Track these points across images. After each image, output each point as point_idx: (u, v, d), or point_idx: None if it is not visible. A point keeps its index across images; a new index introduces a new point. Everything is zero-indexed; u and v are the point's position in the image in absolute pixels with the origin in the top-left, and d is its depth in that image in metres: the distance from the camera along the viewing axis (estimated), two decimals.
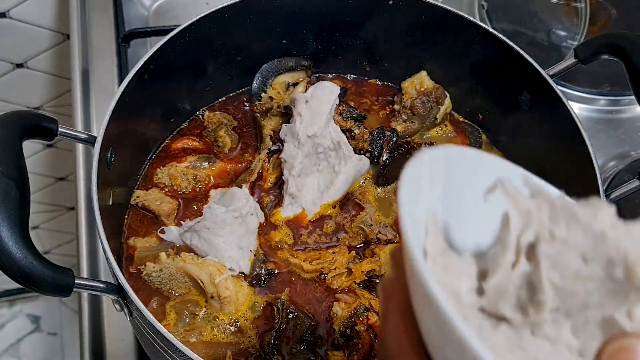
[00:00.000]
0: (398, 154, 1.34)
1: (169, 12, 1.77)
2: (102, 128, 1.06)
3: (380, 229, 1.24)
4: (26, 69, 2.13)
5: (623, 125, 1.64)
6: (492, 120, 1.40)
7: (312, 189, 1.27)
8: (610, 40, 1.18)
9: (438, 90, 1.39)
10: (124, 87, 1.12)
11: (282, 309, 1.14)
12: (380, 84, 1.49)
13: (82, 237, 1.39)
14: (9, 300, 3.03)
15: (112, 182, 1.13)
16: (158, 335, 0.92)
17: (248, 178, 1.28)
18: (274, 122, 1.36)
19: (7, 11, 1.92)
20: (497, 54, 1.28)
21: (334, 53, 1.44)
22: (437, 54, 1.38)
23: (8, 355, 2.93)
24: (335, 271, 1.18)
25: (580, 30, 1.78)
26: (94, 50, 1.62)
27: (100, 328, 1.28)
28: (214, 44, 1.31)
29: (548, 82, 1.21)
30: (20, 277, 0.84)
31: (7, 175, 0.86)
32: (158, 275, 1.13)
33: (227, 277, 1.12)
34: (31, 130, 0.96)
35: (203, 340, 1.11)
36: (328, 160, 1.29)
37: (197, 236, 1.17)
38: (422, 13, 1.32)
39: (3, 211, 0.83)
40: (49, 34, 2.03)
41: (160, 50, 1.19)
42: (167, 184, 1.28)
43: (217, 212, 1.18)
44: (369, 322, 1.14)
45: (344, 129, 1.33)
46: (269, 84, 1.42)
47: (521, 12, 1.82)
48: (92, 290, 0.96)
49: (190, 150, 1.34)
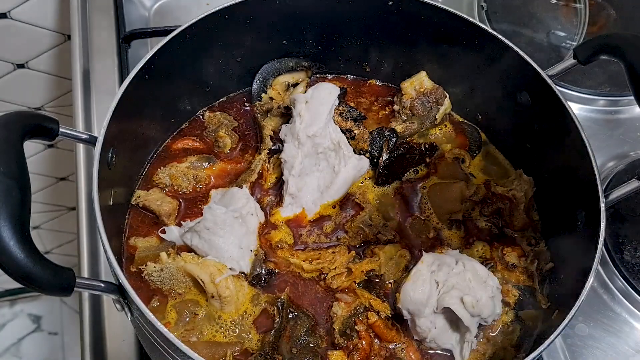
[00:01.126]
0: (398, 154, 1.34)
1: (169, 12, 1.77)
2: (103, 128, 1.06)
3: (380, 229, 1.25)
4: (27, 69, 2.13)
5: (622, 126, 1.65)
6: (492, 121, 1.40)
7: (312, 189, 1.27)
8: (610, 41, 1.18)
9: (438, 91, 1.40)
10: (124, 87, 1.12)
11: (282, 309, 1.14)
12: (380, 84, 1.49)
13: (82, 237, 1.39)
14: (9, 300, 3.04)
15: (113, 182, 1.14)
16: (158, 335, 0.93)
17: (248, 178, 1.28)
18: (274, 123, 1.37)
19: (8, 12, 1.92)
20: (496, 55, 1.28)
21: (334, 53, 1.44)
22: (437, 54, 1.39)
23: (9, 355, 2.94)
24: (335, 271, 1.19)
25: (579, 30, 1.78)
26: (94, 51, 1.62)
27: (101, 328, 1.29)
28: (214, 45, 1.31)
29: (548, 83, 1.21)
30: (21, 277, 0.84)
31: (8, 175, 0.86)
32: (159, 275, 1.13)
33: (228, 277, 1.13)
34: (32, 130, 0.97)
35: (203, 340, 1.11)
36: (328, 160, 1.29)
37: (197, 236, 1.17)
38: (422, 14, 1.32)
39: (4, 211, 0.83)
40: (49, 35, 2.03)
41: (160, 50, 1.19)
42: (168, 184, 1.28)
43: (217, 212, 1.18)
44: (369, 322, 1.14)
45: (343, 129, 1.33)
46: (269, 85, 1.42)
47: (521, 12, 1.82)
48: (92, 290, 0.96)
49: (190, 151, 1.34)
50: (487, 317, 1.13)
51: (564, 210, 1.23)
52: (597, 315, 1.37)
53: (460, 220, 1.29)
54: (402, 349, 1.15)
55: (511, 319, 1.19)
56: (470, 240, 1.28)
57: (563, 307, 1.05)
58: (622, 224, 1.47)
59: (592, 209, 1.11)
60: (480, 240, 1.28)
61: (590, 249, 1.07)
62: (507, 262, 1.25)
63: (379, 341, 1.15)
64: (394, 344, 1.15)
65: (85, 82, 1.59)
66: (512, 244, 1.27)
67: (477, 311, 1.10)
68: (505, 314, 1.19)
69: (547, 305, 1.19)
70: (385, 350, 1.14)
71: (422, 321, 1.12)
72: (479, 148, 1.40)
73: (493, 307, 1.13)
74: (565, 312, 1.01)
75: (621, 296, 1.39)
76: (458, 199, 1.29)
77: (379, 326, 1.14)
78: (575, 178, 1.18)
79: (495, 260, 1.25)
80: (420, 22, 1.34)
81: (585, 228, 1.13)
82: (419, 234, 1.27)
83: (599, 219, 1.08)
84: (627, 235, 1.45)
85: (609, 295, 1.40)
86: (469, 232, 1.29)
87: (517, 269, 1.24)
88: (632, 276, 1.39)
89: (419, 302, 1.12)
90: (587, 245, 1.09)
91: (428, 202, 1.31)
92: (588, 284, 1.03)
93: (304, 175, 1.27)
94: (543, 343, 0.99)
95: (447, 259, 1.16)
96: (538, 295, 1.21)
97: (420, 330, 1.13)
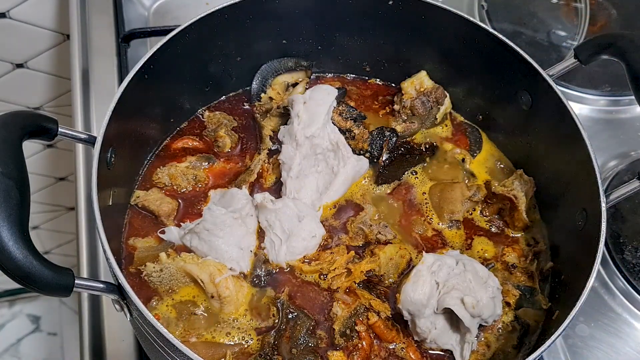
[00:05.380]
0: (398, 154, 1.34)
1: (168, 12, 1.77)
2: (102, 128, 1.06)
3: (379, 229, 1.24)
4: (26, 69, 2.13)
5: (623, 125, 1.64)
6: (492, 120, 1.40)
7: (311, 190, 1.27)
8: (610, 41, 1.18)
9: (438, 91, 1.39)
10: (124, 87, 1.12)
11: (282, 309, 1.14)
12: (380, 84, 1.49)
13: (82, 237, 1.39)
14: (9, 301, 3.03)
15: (112, 182, 1.13)
16: (158, 336, 0.92)
17: (248, 178, 1.28)
18: (273, 123, 1.36)
19: (7, 11, 1.92)
20: (497, 54, 1.28)
21: (334, 53, 1.44)
22: (437, 54, 1.38)
23: (8, 355, 2.93)
24: (335, 271, 1.18)
25: (580, 30, 1.78)
26: (94, 51, 1.62)
27: (100, 328, 1.28)
28: (213, 44, 1.31)
29: (548, 82, 1.21)
30: (20, 277, 0.84)
31: (7, 175, 0.86)
32: (158, 276, 1.13)
33: (227, 277, 1.12)
34: (31, 130, 0.96)
35: (203, 340, 1.11)
36: (327, 161, 1.29)
37: (197, 237, 1.17)
38: (422, 13, 1.32)
39: (3, 211, 0.83)
40: (49, 34, 2.03)
41: (160, 50, 1.19)
42: (167, 184, 1.28)
43: (216, 213, 1.18)
44: (369, 323, 1.14)
45: (343, 129, 1.33)
46: (268, 84, 1.42)
47: (521, 12, 1.82)
48: (92, 290, 0.96)
49: (190, 150, 1.34)
50: (488, 317, 1.12)
51: (565, 210, 1.23)
52: (598, 316, 1.37)
53: (460, 220, 1.29)
54: (402, 349, 1.14)
55: (511, 319, 1.19)
56: (471, 241, 1.28)
57: (564, 308, 1.05)
58: (623, 224, 1.46)
59: (593, 209, 1.10)
60: (480, 241, 1.28)
61: (591, 249, 1.06)
62: (507, 262, 1.25)
63: (379, 341, 1.15)
64: (394, 344, 1.15)
65: (85, 81, 1.59)
66: (513, 244, 1.27)
67: (478, 312, 1.10)
68: (505, 314, 1.19)
69: (548, 306, 1.19)
70: (385, 350, 1.14)
71: (423, 322, 1.12)
72: (479, 148, 1.40)
73: (494, 308, 1.13)
74: (566, 313, 1.01)
75: (622, 296, 1.39)
76: (458, 199, 1.29)
77: (379, 327, 1.14)
78: (576, 178, 1.18)
79: (495, 261, 1.25)
80: (420, 22, 1.33)
81: (586, 228, 1.13)
82: (419, 234, 1.27)
83: (600, 219, 1.07)
84: (627, 235, 1.45)
85: (609, 295, 1.39)
86: (469, 232, 1.29)
87: (517, 269, 1.24)
88: (632, 276, 1.39)
89: (419, 303, 1.11)
90: (587, 245, 1.08)
91: (428, 202, 1.31)
92: (589, 284, 1.02)
93: (302, 176, 1.26)
94: (544, 343, 0.99)
95: (448, 260, 1.16)
96: (538, 295, 1.21)
97: (421, 330, 1.12)
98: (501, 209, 1.30)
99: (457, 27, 1.31)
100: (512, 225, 1.29)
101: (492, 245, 1.27)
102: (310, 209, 1.24)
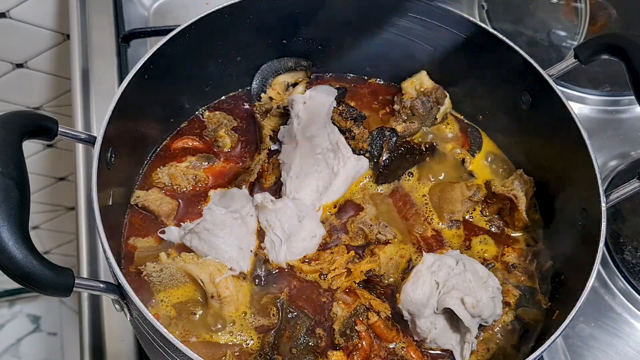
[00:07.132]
0: (398, 154, 1.34)
1: (168, 12, 1.77)
2: (102, 128, 1.06)
3: (379, 229, 1.24)
4: (26, 69, 2.13)
5: (623, 125, 1.64)
6: (492, 120, 1.40)
7: (310, 190, 1.27)
8: (610, 40, 1.18)
9: (438, 91, 1.39)
10: (124, 87, 1.12)
11: (282, 309, 1.14)
12: (380, 83, 1.49)
13: (82, 237, 1.39)
14: (9, 300, 3.03)
15: (112, 182, 1.13)
16: (158, 335, 0.92)
17: (248, 178, 1.28)
18: (273, 123, 1.36)
19: (7, 11, 1.92)
20: (497, 54, 1.28)
21: (334, 53, 1.44)
22: (437, 54, 1.38)
23: (8, 355, 2.93)
24: (335, 271, 1.18)
25: (580, 30, 1.78)
26: (94, 51, 1.62)
27: (100, 328, 1.28)
28: (213, 44, 1.31)
29: (548, 82, 1.21)
30: (20, 277, 0.84)
31: (7, 175, 0.86)
32: (158, 275, 1.13)
33: (227, 277, 1.12)
34: (31, 130, 0.96)
35: (203, 340, 1.11)
36: (327, 161, 1.29)
37: (197, 238, 1.17)
38: (422, 13, 1.32)
39: (3, 211, 0.83)
40: (49, 34, 2.03)
41: (160, 50, 1.19)
42: (167, 184, 1.28)
43: (216, 213, 1.18)
44: (369, 323, 1.14)
45: (343, 128, 1.33)
46: (268, 84, 1.42)
47: (521, 12, 1.82)
48: (92, 290, 0.96)
49: (190, 150, 1.34)
50: (488, 317, 1.12)
51: (565, 210, 1.23)
52: (597, 316, 1.37)
53: (460, 220, 1.29)
54: (402, 349, 1.14)
55: (511, 319, 1.19)
56: (470, 241, 1.28)
57: (564, 308, 1.05)
58: (623, 224, 1.46)
59: (593, 209, 1.10)
60: (480, 241, 1.28)
61: (591, 248, 1.06)
62: (507, 262, 1.25)
63: (379, 341, 1.15)
64: (394, 344, 1.15)
65: (85, 81, 1.58)
66: (513, 244, 1.27)
67: (478, 312, 1.10)
68: (505, 314, 1.19)
69: (548, 306, 1.19)
70: (385, 350, 1.14)
71: (423, 322, 1.12)
72: (479, 148, 1.40)
73: (494, 308, 1.13)
74: (566, 313, 1.01)
75: (622, 296, 1.39)
76: (458, 199, 1.29)
77: (379, 326, 1.14)
78: (576, 178, 1.18)
79: (495, 261, 1.25)
80: (420, 22, 1.33)
81: (586, 228, 1.13)
82: (419, 234, 1.27)
83: (600, 219, 1.07)
84: (628, 235, 1.45)
85: (609, 295, 1.39)
86: (469, 232, 1.29)
87: (517, 269, 1.24)
88: (633, 276, 1.39)
89: (419, 303, 1.11)
90: (587, 245, 1.08)
91: (428, 202, 1.31)
92: (589, 284, 1.02)
93: (302, 176, 1.26)
94: (544, 343, 0.99)
95: (448, 260, 1.16)
96: (538, 295, 1.21)
97: (421, 330, 1.12)
98: (501, 208, 1.30)
99: (457, 27, 1.31)
100: (512, 225, 1.29)
101: (492, 245, 1.27)
102: (310, 209, 1.24)
